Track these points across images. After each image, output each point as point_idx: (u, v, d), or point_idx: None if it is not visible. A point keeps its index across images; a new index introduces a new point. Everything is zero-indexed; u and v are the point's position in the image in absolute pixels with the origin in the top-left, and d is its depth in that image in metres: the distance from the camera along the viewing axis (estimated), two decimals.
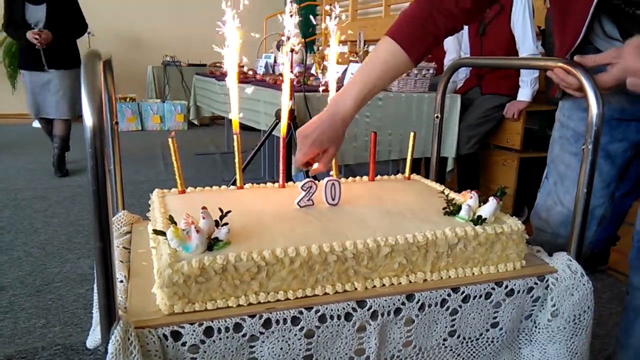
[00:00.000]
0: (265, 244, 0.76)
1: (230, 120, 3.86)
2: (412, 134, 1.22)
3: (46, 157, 3.96)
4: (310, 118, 2.38)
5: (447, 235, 0.83)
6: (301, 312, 0.74)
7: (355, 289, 0.79)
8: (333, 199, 0.97)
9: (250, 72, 3.52)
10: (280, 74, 3.34)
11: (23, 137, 5.06)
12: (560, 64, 0.90)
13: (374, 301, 0.78)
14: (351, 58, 3.39)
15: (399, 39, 1.04)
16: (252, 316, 0.71)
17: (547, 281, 0.89)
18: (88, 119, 0.58)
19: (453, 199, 0.96)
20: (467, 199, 0.92)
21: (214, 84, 3.45)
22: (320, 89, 2.34)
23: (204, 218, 0.76)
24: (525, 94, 2.75)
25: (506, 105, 2.84)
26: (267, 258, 0.73)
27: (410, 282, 0.82)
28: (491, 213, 0.89)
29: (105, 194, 0.60)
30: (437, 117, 1.31)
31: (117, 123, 1.04)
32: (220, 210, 0.79)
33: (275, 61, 3.63)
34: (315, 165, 1.06)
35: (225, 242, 0.76)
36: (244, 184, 1.09)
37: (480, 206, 0.91)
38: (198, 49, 6.08)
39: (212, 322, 0.70)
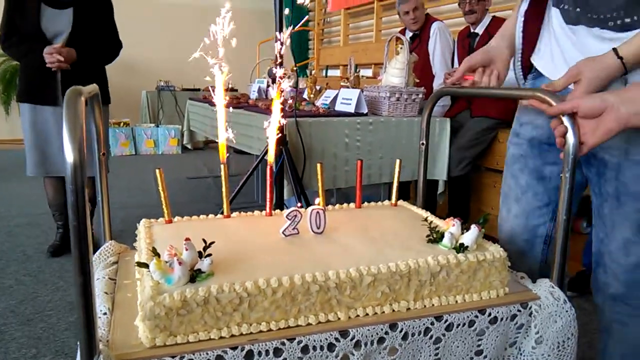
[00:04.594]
0: (249, 275, 0.77)
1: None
2: (397, 161, 1.23)
3: (40, 183, 3.70)
4: (303, 144, 2.41)
5: (429, 264, 0.84)
6: (283, 343, 0.74)
7: (339, 318, 0.79)
8: (318, 228, 0.98)
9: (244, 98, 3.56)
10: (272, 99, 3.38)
11: (16, 162, 5.05)
12: (538, 94, 0.92)
13: (357, 331, 0.78)
14: (342, 83, 3.44)
15: None
16: (234, 348, 0.72)
17: (530, 308, 0.89)
18: (69, 155, 0.59)
19: (436, 226, 0.97)
20: (450, 227, 0.94)
21: (207, 109, 3.48)
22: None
23: (187, 249, 0.77)
24: None
25: None
26: (250, 289, 0.74)
27: (393, 311, 0.83)
28: (473, 240, 0.90)
29: (86, 230, 0.61)
30: (423, 143, 1.33)
31: (104, 154, 1.05)
32: (204, 241, 0.79)
33: (268, 86, 3.68)
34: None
35: (207, 273, 0.76)
36: (238, 208, 1.09)
37: (462, 233, 0.93)
38: (192, 73, 6.14)
39: (194, 354, 0.70)
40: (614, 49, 0.90)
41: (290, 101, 2.47)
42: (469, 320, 0.85)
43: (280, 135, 2.23)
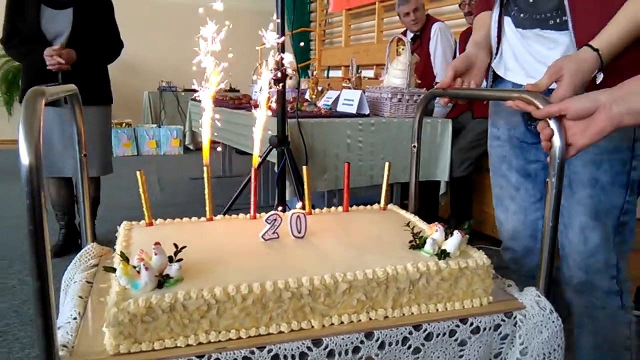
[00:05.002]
0: (219, 281, 0.75)
1: (226, 145, 3.86)
2: (387, 164, 1.21)
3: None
4: (305, 145, 2.39)
5: (408, 271, 0.81)
6: (253, 352, 0.72)
7: (312, 326, 0.77)
8: (299, 232, 0.96)
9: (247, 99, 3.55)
10: (275, 101, 3.36)
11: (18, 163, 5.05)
12: (524, 96, 0.89)
13: (331, 340, 0.76)
14: (344, 84, 3.42)
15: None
16: (201, 357, 0.70)
17: (515, 318, 0.86)
18: (24, 157, 0.57)
19: (420, 231, 0.94)
20: (433, 232, 0.91)
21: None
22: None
23: (156, 254, 0.75)
24: None
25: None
26: (218, 295, 0.71)
27: (370, 319, 0.80)
28: (455, 247, 0.87)
29: (43, 234, 0.59)
30: (414, 146, 1.31)
31: (85, 155, 1.04)
32: (175, 245, 0.78)
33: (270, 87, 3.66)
34: None
35: (176, 279, 0.74)
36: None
37: (446, 239, 0.90)
38: (193, 74, 6.14)
39: None
40: (588, 44, 0.92)
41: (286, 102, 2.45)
42: (449, 329, 0.82)
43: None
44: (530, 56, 1.10)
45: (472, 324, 0.84)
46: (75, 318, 0.79)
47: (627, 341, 1.14)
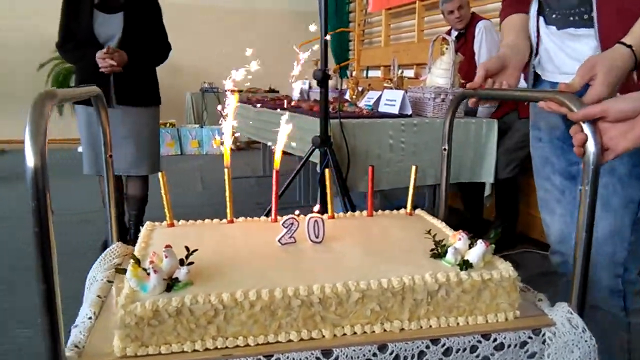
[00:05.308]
0: (229, 285, 0.74)
1: (267, 145, 3.88)
2: (413, 167, 1.17)
3: (92, 182, 2.99)
4: (347, 146, 2.38)
5: (426, 281, 0.77)
6: None
7: (323, 336, 0.74)
8: (316, 237, 0.93)
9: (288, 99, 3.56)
10: (315, 100, 3.35)
11: (69, 161, 5.24)
12: (558, 97, 0.83)
13: (342, 351, 0.73)
14: (385, 84, 3.37)
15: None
16: None
17: (543, 335, 0.80)
18: (30, 159, 0.58)
19: (442, 240, 0.89)
20: (456, 241, 0.86)
21: (249, 110, 3.52)
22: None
23: (166, 257, 0.75)
24: None
25: None
26: (226, 301, 0.70)
27: (384, 330, 0.77)
28: (479, 257, 0.82)
29: (48, 236, 0.60)
30: (445, 149, 1.25)
31: (111, 156, 1.06)
32: (187, 248, 0.77)
33: (310, 87, 3.65)
34: None
35: (185, 282, 0.73)
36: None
37: (470, 248, 0.85)
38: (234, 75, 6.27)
39: None
40: (620, 42, 0.87)
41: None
42: (470, 345, 0.78)
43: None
44: (564, 54, 1.07)
45: (495, 340, 0.79)
46: (90, 318, 0.80)
47: (626, 345, 1.08)
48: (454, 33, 3.28)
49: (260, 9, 6.74)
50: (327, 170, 1.09)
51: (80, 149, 3.34)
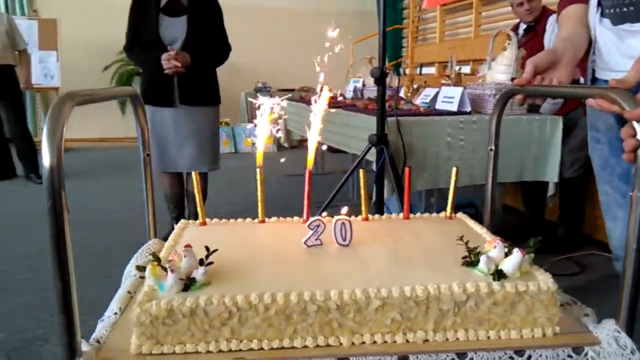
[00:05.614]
0: (246, 287, 0.73)
1: (320, 143, 3.86)
2: (454, 169, 1.11)
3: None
4: (403, 143, 2.33)
5: (453, 291, 0.72)
6: None
7: (340, 343, 0.72)
8: (344, 240, 0.90)
9: (340, 97, 3.53)
10: (369, 98, 3.30)
11: (132, 159, 5.47)
12: (609, 94, 0.75)
13: (359, 359, 0.70)
14: (443, 81, 3.26)
15: None
16: None
17: (586, 355, 0.73)
18: (46, 159, 0.59)
19: (477, 247, 0.83)
20: (491, 249, 0.80)
21: (302, 109, 3.52)
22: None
23: (185, 257, 0.75)
24: None
25: None
26: (240, 303, 0.69)
27: (407, 341, 0.73)
28: (514, 267, 0.76)
29: (64, 236, 0.61)
30: (491, 149, 1.19)
31: (148, 155, 1.08)
32: (207, 248, 0.77)
33: (364, 85, 3.61)
34: None
35: (202, 282, 0.73)
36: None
37: (506, 257, 0.79)
38: (287, 74, 6.39)
39: None
40: None
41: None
42: None
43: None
44: (618, 51, 1.00)
45: (530, 357, 0.72)
46: (115, 313, 0.81)
47: None
48: (523, 26, 3.11)
49: (317, 10, 6.78)
50: (361, 171, 1.06)
51: None
